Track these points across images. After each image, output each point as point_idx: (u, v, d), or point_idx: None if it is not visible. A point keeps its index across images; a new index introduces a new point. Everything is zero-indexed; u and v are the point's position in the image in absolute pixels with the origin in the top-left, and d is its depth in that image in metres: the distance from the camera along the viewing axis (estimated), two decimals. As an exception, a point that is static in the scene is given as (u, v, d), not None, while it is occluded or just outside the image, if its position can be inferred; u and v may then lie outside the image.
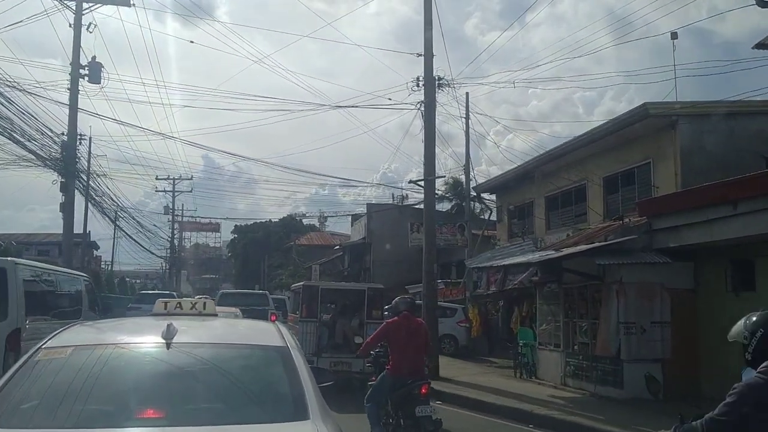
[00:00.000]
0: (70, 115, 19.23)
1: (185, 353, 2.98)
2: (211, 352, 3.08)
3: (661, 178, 14.03)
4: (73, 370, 2.81)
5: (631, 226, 10.56)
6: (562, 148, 17.09)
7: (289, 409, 2.73)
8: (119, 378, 2.91)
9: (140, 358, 3.08)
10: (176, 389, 2.86)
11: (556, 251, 10.85)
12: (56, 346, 3.01)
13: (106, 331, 3.60)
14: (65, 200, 19.17)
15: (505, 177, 21.09)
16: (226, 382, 2.93)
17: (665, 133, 13.97)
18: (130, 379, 2.92)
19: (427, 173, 12.88)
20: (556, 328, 11.88)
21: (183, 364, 2.94)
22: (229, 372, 2.99)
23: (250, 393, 2.89)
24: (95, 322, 4.67)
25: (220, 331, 3.65)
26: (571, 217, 18.02)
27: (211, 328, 3.58)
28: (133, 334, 3.43)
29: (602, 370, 10.32)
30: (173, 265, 52.05)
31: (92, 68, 19.51)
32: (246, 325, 4.94)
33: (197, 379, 2.95)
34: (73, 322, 3.96)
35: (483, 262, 14.68)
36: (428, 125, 12.90)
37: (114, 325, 4.19)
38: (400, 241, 32.87)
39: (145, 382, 2.91)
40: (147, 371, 2.98)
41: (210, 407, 2.81)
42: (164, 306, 3.74)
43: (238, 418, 2.66)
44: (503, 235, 22.51)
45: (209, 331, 3.49)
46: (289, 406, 2.76)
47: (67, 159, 19.02)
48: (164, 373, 2.94)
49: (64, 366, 2.86)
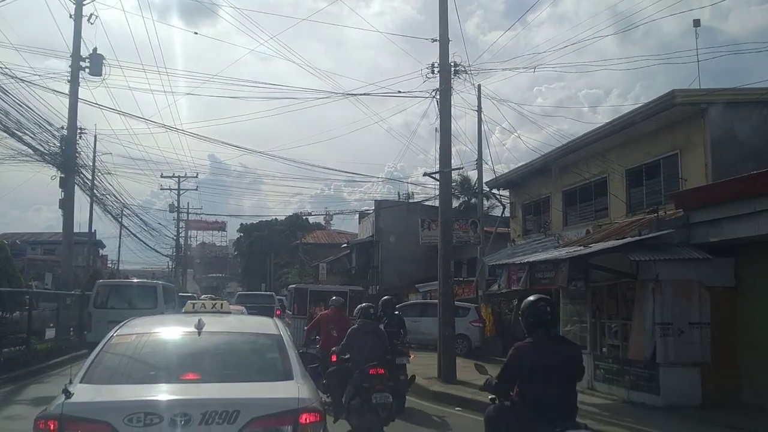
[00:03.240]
0: (70, 108, 18.65)
1: (211, 338, 4.35)
2: (228, 338, 4.58)
3: (689, 170, 13.26)
4: (137, 349, 4.24)
5: (665, 220, 9.80)
6: (582, 140, 16.31)
7: (280, 373, 4.04)
8: (167, 354, 4.37)
9: (180, 342, 4.44)
10: (205, 361, 4.21)
11: (584, 247, 10.11)
12: (124, 333, 4.43)
13: (156, 324, 5.05)
14: (65, 196, 18.58)
15: (520, 172, 20.33)
16: (238, 357, 4.37)
17: (694, 122, 13.19)
18: (175, 355, 4.35)
19: (443, 164, 12.13)
20: (582, 329, 11.13)
21: (209, 346, 4.33)
22: (241, 350, 4.44)
23: (254, 364, 4.34)
24: (153, 317, 6.39)
25: (234, 323, 5.15)
26: (590, 212, 17.26)
27: (227, 322, 5.03)
28: (175, 325, 4.84)
29: (636, 375, 9.57)
30: (179, 264, 51.46)
31: (93, 60, 18.90)
32: (251, 319, 6.27)
33: (219, 355, 4.32)
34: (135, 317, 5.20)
35: (502, 258, 13.91)
36: (444, 114, 12.16)
37: (161, 319, 5.93)
38: (409, 239, 32.14)
39: (185, 357, 4.30)
40: (185, 351, 4.35)
41: (228, 372, 4.12)
42: (192, 306, 5.21)
43: (247, 379, 4.00)
44: (517, 231, 21.75)
45: (226, 324, 4.92)
46: (281, 371, 4.06)
47: (67, 154, 18.42)
48: (197, 352, 4.27)
49: (131, 346, 4.26)
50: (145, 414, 3.39)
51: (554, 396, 4.33)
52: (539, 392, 4.31)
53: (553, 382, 4.32)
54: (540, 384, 4.31)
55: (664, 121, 13.75)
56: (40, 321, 15.54)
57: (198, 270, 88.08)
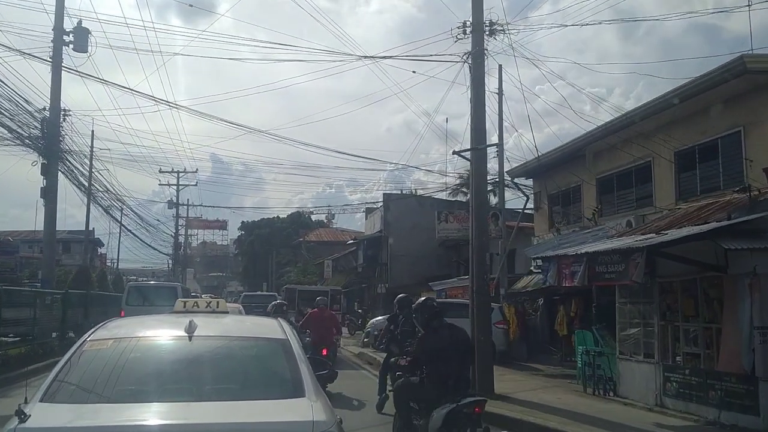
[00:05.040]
0: (52, 87, 16.89)
1: (204, 344, 3.67)
2: (225, 343, 3.81)
3: (756, 149, 11.49)
4: (114, 357, 3.45)
5: (759, 200, 8.03)
6: (623, 120, 14.51)
7: (289, 388, 3.33)
8: (151, 365, 3.58)
9: (168, 348, 3.70)
10: (198, 374, 3.48)
11: (657, 234, 8.35)
12: (100, 338, 3.70)
13: (139, 326, 4.18)
14: (47, 184, 16.81)
15: (547, 158, 18.49)
16: (238, 368, 3.64)
17: (763, 94, 11.43)
18: (161, 366, 3.55)
19: (477, 140, 10.33)
20: (647, 334, 9.34)
21: (203, 353, 3.63)
22: (240, 359, 3.73)
23: (258, 376, 3.61)
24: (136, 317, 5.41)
25: (231, 326, 4.43)
26: (630, 201, 15.48)
27: (223, 323, 4.28)
28: (161, 328, 4.03)
29: (726, 391, 7.77)
30: (177, 262, 49.73)
31: (78, 34, 17.12)
32: (252, 320, 5.63)
33: (214, 365, 3.61)
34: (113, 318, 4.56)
35: (547, 250, 12.11)
36: (476, 81, 10.37)
37: (145, 320, 4.77)
38: (419, 234, 30.35)
39: (173, 368, 3.53)
40: (173, 360, 3.61)
41: (227, 387, 3.42)
42: (183, 305, 4.37)
43: (249, 396, 3.31)
44: (542, 224, 19.96)
45: (223, 327, 4.16)
46: (289, 386, 3.36)
47: (50, 137, 16.67)
48: (188, 361, 3.56)
49: (107, 354, 3.49)
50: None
51: (452, 373, 5.44)
52: (441, 371, 5.43)
53: (451, 361, 5.46)
54: (441, 364, 5.44)
55: (723, 94, 11.99)
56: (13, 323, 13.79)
57: (198, 269, 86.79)
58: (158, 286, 20.06)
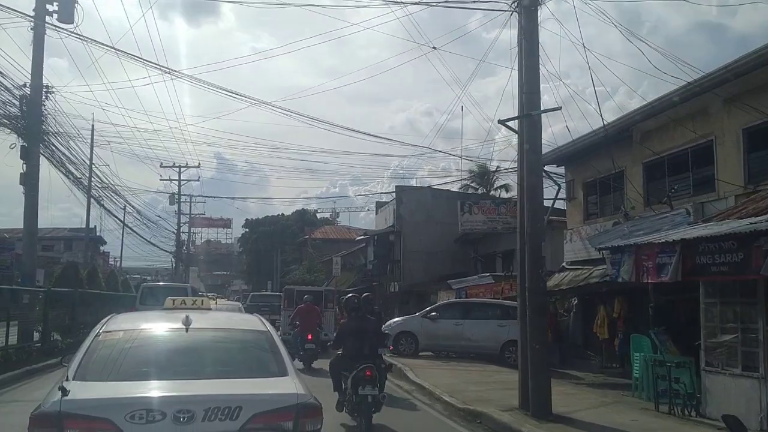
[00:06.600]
0: (33, 61, 15.14)
1: (199, 334, 4.38)
2: (216, 334, 4.61)
3: None
4: (126, 345, 4.17)
5: None
6: (679, 94, 12.67)
7: (275, 369, 4.10)
8: (158, 351, 4.30)
9: (169, 338, 4.39)
10: (198, 358, 4.25)
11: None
12: (111, 330, 4.38)
13: (141, 320, 4.99)
14: (27, 170, 15.05)
15: (583, 143, 16.62)
16: (230, 353, 4.45)
17: None
18: (166, 351, 4.30)
19: (529, 105, 8.49)
20: (746, 341, 7.50)
21: (199, 342, 4.37)
22: (231, 347, 4.50)
23: (247, 360, 4.36)
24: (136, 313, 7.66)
25: (221, 320, 5.27)
26: (685, 187, 13.62)
27: (214, 318, 5.09)
28: (161, 321, 4.71)
29: None
30: (180, 261, 48.07)
31: (63, 3, 15.34)
32: (238, 316, 6.86)
33: (210, 351, 4.40)
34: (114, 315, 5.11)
35: (616, 239, 10.24)
36: (528, 33, 8.54)
37: (145, 315, 6.06)
38: (434, 229, 28.52)
39: (176, 353, 4.26)
40: (175, 347, 4.32)
41: (223, 368, 4.18)
42: (172, 302, 5.17)
43: (242, 375, 4.07)
44: (576, 216, 18.10)
45: (213, 321, 4.97)
46: (274, 367, 4.12)
47: (30, 117, 14.92)
48: (187, 348, 4.30)
49: (120, 343, 4.19)
50: (147, 411, 3.37)
51: (361, 348, 7.71)
52: (355, 346, 7.74)
53: (363, 340, 7.79)
54: (354, 341, 7.78)
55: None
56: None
57: (202, 268, 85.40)
58: (170, 287, 20.52)
